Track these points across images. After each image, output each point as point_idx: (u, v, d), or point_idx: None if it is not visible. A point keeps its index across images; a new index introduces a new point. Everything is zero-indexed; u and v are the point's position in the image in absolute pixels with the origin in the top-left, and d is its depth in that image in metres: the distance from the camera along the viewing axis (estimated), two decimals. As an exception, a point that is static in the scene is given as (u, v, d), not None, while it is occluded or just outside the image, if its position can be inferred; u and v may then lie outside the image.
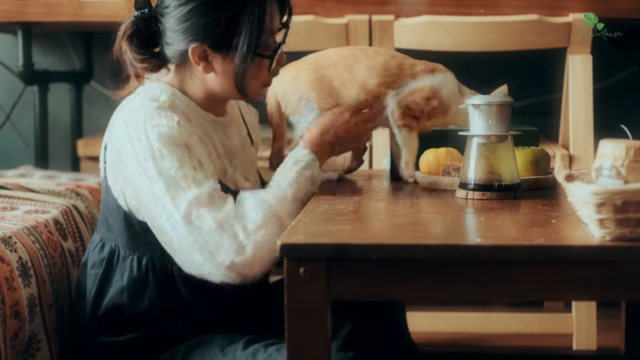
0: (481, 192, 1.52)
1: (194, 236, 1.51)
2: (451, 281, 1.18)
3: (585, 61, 2.34)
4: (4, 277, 1.60)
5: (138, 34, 1.65)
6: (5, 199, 2.03)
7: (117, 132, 1.61)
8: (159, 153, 1.54)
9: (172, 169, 1.54)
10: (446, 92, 1.72)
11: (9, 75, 3.07)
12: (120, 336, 1.65)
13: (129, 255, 1.65)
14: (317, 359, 1.17)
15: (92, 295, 1.67)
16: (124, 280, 1.65)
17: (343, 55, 1.76)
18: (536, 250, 1.15)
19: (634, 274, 1.16)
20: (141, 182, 1.55)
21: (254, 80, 1.65)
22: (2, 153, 3.10)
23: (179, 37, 1.62)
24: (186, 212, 1.52)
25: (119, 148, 1.59)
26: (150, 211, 1.56)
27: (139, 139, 1.55)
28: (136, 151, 1.55)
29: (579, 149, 2.35)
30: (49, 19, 2.45)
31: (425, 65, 1.74)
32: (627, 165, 1.19)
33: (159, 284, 1.64)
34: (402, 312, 1.87)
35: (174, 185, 1.53)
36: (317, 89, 1.72)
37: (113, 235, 1.68)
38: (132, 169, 1.56)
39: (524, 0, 2.38)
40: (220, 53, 1.62)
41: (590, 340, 2.38)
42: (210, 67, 1.63)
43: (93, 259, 1.70)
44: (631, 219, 1.14)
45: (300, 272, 1.16)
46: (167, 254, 1.61)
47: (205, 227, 1.51)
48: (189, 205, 1.52)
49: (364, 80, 1.72)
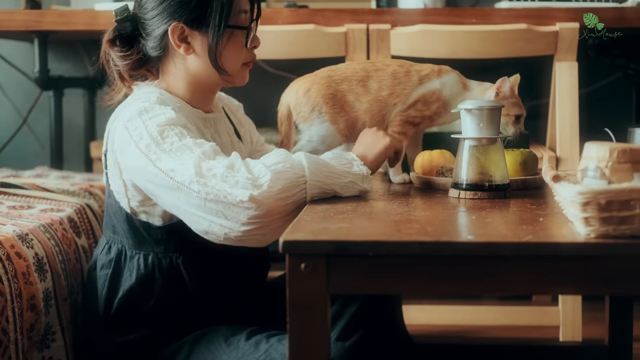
0: (473, 192, 1.52)
1: (210, 186, 1.45)
2: (444, 276, 1.18)
3: (571, 68, 2.34)
4: (21, 272, 1.60)
5: (120, 37, 1.66)
6: (22, 198, 2.03)
7: (117, 134, 1.59)
8: (159, 137, 1.52)
9: (173, 144, 1.51)
10: (448, 93, 1.72)
11: (26, 81, 3.07)
12: (131, 334, 1.65)
13: (136, 254, 1.65)
14: (317, 349, 1.17)
15: (104, 295, 1.67)
16: (132, 278, 1.64)
17: (354, 70, 1.75)
18: (525, 246, 1.15)
19: (617, 269, 1.16)
20: (147, 168, 1.51)
21: (230, 56, 1.63)
22: (20, 154, 3.10)
23: (157, 22, 1.62)
24: (196, 169, 1.46)
25: (121, 148, 1.57)
26: (164, 196, 1.52)
27: (139, 133, 1.53)
28: (137, 143, 1.53)
29: (565, 151, 2.35)
30: (64, 28, 2.45)
31: (431, 69, 1.74)
32: (611, 166, 1.19)
33: (165, 278, 1.64)
34: (398, 305, 1.87)
35: (180, 155, 1.49)
36: (330, 103, 1.71)
37: (119, 237, 1.67)
38: (136, 160, 1.53)
39: (513, 11, 2.38)
40: (198, 30, 1.61)
41: (575, 332, 2.38)
42: (190, 47, 1.63)
43: (102, 261, 1.70)
44: (614, 217, 1.14)
45: (302, 268, 1.16)
46: (170, 249, 1.61)
47: (218, 174, 1.45)
48: (196, 162, 1.47)
49: (376, 92, 1.72)
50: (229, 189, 1.44)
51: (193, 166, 1.47)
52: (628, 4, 2.41)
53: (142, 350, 1.66)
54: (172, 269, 1.64)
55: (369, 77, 1.73)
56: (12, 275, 1.57)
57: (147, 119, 1.55)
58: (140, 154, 1.53)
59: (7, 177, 2.32)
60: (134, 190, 1.61)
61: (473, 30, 2.32)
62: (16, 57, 3.10)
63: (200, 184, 1.45)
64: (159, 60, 1.67)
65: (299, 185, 1.47)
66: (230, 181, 1.44)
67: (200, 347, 1.61)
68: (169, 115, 1.55)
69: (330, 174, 1.50)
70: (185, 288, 1.64)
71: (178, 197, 1.49)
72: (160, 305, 1.64)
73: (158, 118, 1.55)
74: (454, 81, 1.73)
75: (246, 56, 1.67)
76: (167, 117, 1.55)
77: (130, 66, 1.66)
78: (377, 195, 1.61)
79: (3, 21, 2.48)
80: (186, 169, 1.47)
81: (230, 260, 1.66)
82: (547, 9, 2.38)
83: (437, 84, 1.72)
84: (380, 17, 2.38)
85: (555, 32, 2.32)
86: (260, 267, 1.79)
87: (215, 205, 1.45)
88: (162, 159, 1.50)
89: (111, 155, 1.62)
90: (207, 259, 1.64)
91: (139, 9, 1.66)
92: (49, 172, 2.53)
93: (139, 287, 1.64)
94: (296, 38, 2.34)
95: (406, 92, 1.72)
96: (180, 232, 1.59)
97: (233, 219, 1.45)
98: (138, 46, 1.66)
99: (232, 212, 1.45)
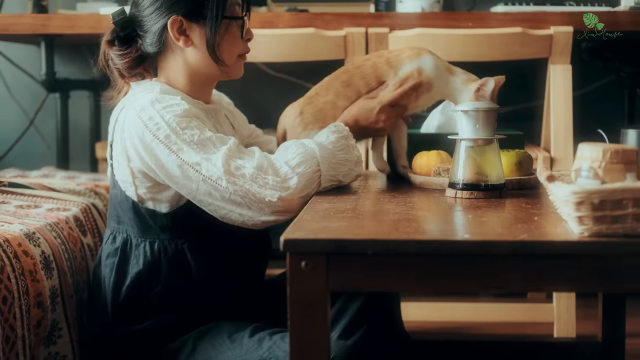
0: (469, 192, 1.53)
1: (239, 185, 1.52)
2: (441, 274, 1.18)
3: (565, 70, 2.34)
4: (28, 269, 1.60)
5: (118, 38, 1.68)
6: (29, 197, 2.03)
7: (128, 123, 1.59)
8: (179, 128, 1.55)
9: (195, 135, 1.55)
10: (428, 71, 1.71)
11: (33, 84, 3.07)
12: (139, 324, 1.65)
13: (141, 242, 1.66)
14: (317, 345, 1.18)
15: (111, 283, 1.67)
16: (139, 265, 1.65)
17: (336, 75, 1.76)
18: (520, 245, 1.16)
19: (610, 267, 1.16)
20: (169, 159, 1.55)
21: (227, 47, 1.66)
22: (27, 155, 3.10)
23: (155, 18, 1.64)
24: (225, 167, 1.52)
25: (133, 137, 1.58)
26: (185, 184, 1.55)
27: (156, 123, 1.55)
28: (155, 133, 1.55)
29: (559, 152, 2.35)
30: (70, 32, 2.46)
31: (410, 51, 1.75)
32: (604, 166, 1.19)
33: (171, 264, 1.65)
34: (397, 303, 1.87)
35: (203, 148, 1.54)
36: (320, 119, 1.72)
37: (124, 226, 1.68)
38: (157, 151, 1.55)
39: (509, 15, 2.38)
40: (196, 22, 1.64)
41: (569, 328, 2.38)
42: (188, 40, 1.65)
43: (107, 251, 1.70)
44: (607, 216, 1.14)
45: (302, 266, 1.17)
46: (176, 236, 1.63)
47: (248, 174, 1.52)
48: (224, 160, 1.52)
49: (364, 88, 1.72)
50: (258, 188, 1.52)
51: (222, 164, 1.52)
52: (621, 8, 2.41)
53: (149, 343, 1.65)
54: (177, 255, 1.65)
55: (352, 76, 1.74)
56: (19, 273, 1.57)
57: (161, 108, 1.57)
58: (159, 144, 1.55)
59: (14, 177, 2.32)
60: (143, 178, 1.62)
61: (469, 33, 2.33)
62: (23, 60, 3.10)
63: (230, 182, 1.52)
64: (157, 56, 1.69)
65: (315, 180, 1.57)
66: (260, 182, 1.52)
67: (204, 343, 1.61)
68: (183, 106, 1.58)
69: (336, 164, 1.59)
70: (191, 274, 1.65)
71: (198, 187, 1.54)
72: (168, 292, 1.64)
73: (173, 109, 1.57)
74: (432, 62, 1.72)
75: (241, 48, 1.70)
76: (182, 108, 1.57)
77: (129, 64, 1.68)
78: (376, 195, 1.61)
79: (11, 25, 2.48)
80: (213, 165, 1.52)
81: (234, 244, 1.67)
82: (541, 13, 2.38)
83: (416, 64, 1.72)
84: (378, 21, 2.38)
85: (550, 36, 2.32)
86: (263, 248, 1.80)
87: (241, 199, 1.53)
88: (184, 150, 1.54)
89: (119, 145, 1.63)
90: (211, 243, 1.65)
91: (136, 8, 1.68)
92: (55, 172, 2.53)
93: (147, 273, 1.65)
94: (297, 41, 2.34)
95: (391, 78, 1.72)
96: (186, 217, 1.62)
97: (257, 210, 1.53)
98: (136, 45, 1.68)
99: (258, 206, 1.53)
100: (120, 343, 1.67)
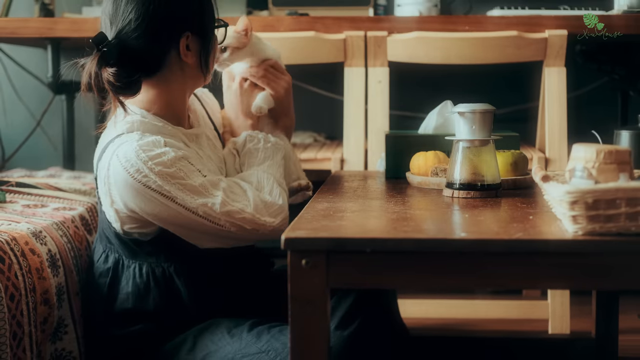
0: (466, 191, 1.53)
1: (238, 226, 1.58)
2: (439, 271, 1.18)
3: (560, 73, 2.34)
4: (34, 267, 1.60)
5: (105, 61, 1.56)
6: (36, 197, 2.03)
7: (113, 170, 1.55)
8: (168, 177, 1.53)
9: (187, 180, 1.53)
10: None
11: (39, 86, 3.07)
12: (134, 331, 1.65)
13: (132, 263, 1.64)
14: (317, 339, 1.18)
15: (103, 302, 1.66)
16: (129, 286, 1.64)
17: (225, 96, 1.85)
18: (515, 243, 1.16)
19: (603, 265, 1.16)
20: (163, 207, 1.54)
21: (214, 55, 1.70)
22: (34, 156, 3.10)
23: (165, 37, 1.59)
24: (223, 211, 1.55)
25: (120, 185, 1.54)
26: (176, 222, 1.56)
27: (145, 175, 1.52)
28: (148, 185, 1.52)
29: (554, 153, 2.35)
30: (76, 35, 2.45)
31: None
32: (598, 167, 1.19)
33: (160, 287, 1.63)
34: (393, 298, 1.87)
35: (197, 193, 1.54)
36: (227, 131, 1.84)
37: (114, 247, 1.66)
38: (150, 201, 1.54)
39: (504, 18, 2.38)
40: (197, 35, 1.64)
41: (564, 325, 2.38)
42: (190, 54, 1.64)
43: (100, 269, 1.68)
44: (601, 215, 1.14)
45: (303, 263, 1.17)
46: (162, 260, 1.62)
47: (248, 217, 1.58)
48: (221, 204, 1.55)
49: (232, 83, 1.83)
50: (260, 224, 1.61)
51: (220, 207, 1.56)
52: (614, 11, 2.41)
53: (148, 342, 1.65)
54: (165, 278, 1.63)
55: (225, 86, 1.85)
56: (26, 270, 1.57)
57: (148, 159, 1.52)
58: (152, 193, 1.53)
59: (21, 177, 2.32)
60: (128, 218, 1.59)
61: (466, 37, 2.33)
62: (30, 63, 3.10)
63: (230, 222, 1.58)
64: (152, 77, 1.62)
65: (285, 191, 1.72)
66: (259, 221, 1.60)
67: (204, 338, 1.61)
68: (168, 155, 1.53)
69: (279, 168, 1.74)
70: (181, 296, 1.64)
71: (197, 226, 1.57)
72: (157, 312, 1.63)
73: (160, 159, 1.53)
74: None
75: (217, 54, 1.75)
76: (168, 157, 1.53)
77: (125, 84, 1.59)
78: (375, 195, 1.61)
79: (18, 28, 2.48)
80: (212, 210, 1.56)
81: (221, 265, 1.66)
82: (536, 16, 2.38)
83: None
84: (377, 25, 2.38)
85: (545, 39, 2.32)
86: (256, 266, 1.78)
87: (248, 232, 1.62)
88: (181, 197, 1.53)
89: (102, 186, 1.60)
90: (198, 265, 1.64)
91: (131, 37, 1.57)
92: (61, 172, 2.53)
93: (135, 296, 1.63)
94: (297, 44, 2.34)
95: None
96: (169, 242, 1.61)
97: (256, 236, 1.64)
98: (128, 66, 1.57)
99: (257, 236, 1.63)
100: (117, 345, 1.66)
